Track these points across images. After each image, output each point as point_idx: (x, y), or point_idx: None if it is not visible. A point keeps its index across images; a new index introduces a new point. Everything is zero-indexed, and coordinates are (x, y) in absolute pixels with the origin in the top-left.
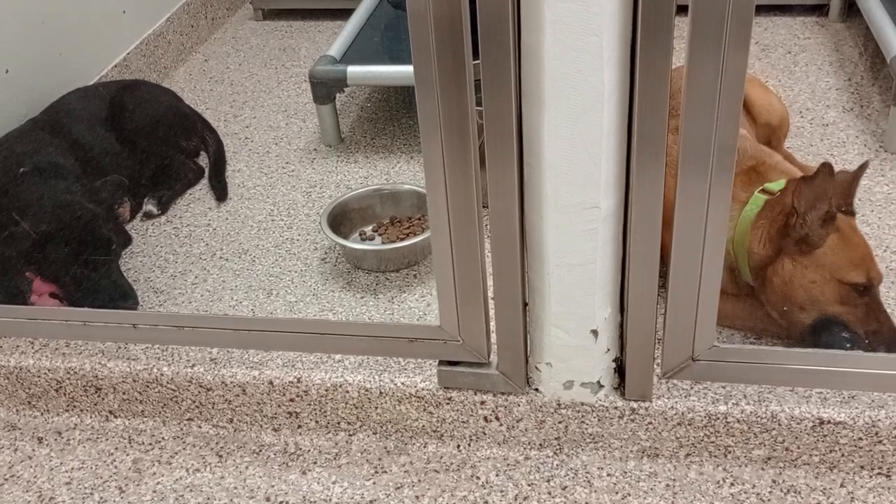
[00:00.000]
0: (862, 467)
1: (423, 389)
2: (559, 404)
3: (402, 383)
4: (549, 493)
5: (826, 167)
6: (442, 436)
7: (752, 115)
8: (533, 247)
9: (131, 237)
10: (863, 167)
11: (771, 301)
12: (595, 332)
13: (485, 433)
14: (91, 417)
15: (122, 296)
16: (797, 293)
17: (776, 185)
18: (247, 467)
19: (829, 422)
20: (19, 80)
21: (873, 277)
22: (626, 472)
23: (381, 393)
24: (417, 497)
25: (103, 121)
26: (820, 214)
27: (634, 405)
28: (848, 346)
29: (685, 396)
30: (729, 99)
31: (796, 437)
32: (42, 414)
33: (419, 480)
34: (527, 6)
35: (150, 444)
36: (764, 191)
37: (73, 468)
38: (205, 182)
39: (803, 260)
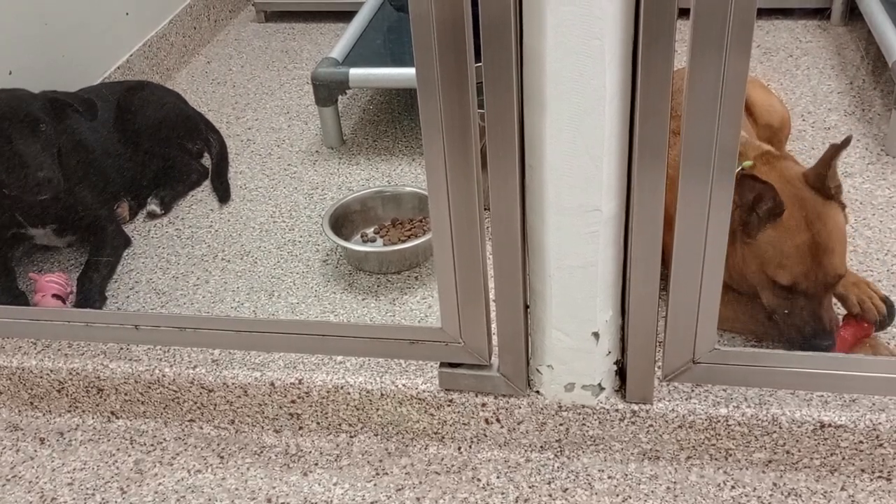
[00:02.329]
0: (863, 470)
1: (424, 391)
2: (560, 406)
3: (404, 385)
4: (550, 496)
5: (760, 181)
6: (443, 438)
7: (753, 117)
8: (534, 249)
9: (131, 239)
10: (845, 142)
11: (733, 271)
12: (596, 335)
13: (486, 435)
14: (93, 418)
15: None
16: (745, 272)
17: (748, 164)
18: (248, 468)
19: (829, 425)
20: (23, 81)
21: (801, 282)
22: (626, 475)
23: (382, 395)
24: (418, 499)
25: (107, 121)
26: (761, 209)
27: (635, 408)
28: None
29: (686, 399)
30: (730, 102)
31: (797, 441)
32: (44, 415)
33: (420, 482)
34: (529, 9)
35: (152, 444)
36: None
37: (74, 469)
38: (207, 183)
39: (745, 247)
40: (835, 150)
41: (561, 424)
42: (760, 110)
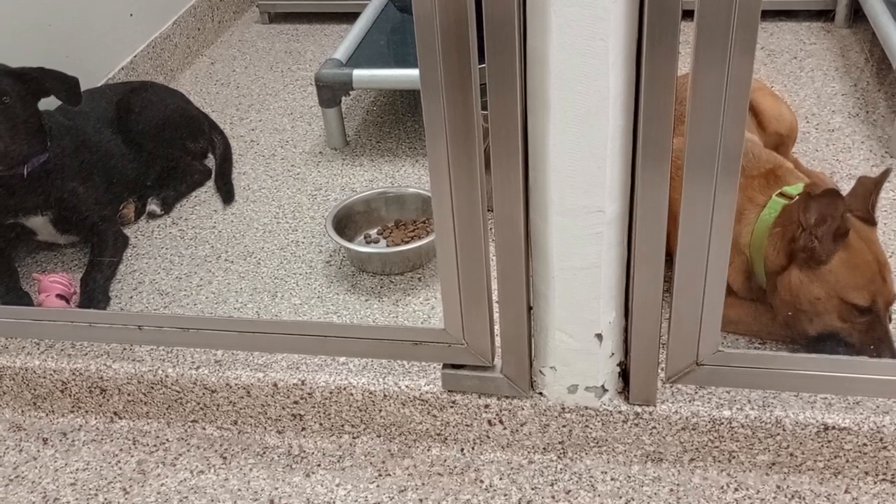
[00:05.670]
0: (866, 473)
1: (427, 392)
2: (563, 408)
3: (407, 386)
4: (553, 498)
5: (831, 192)
6: (446, 439)
7: (761, 125)
8: (538, 250)
9: (128, 238)
10: (884, 174)
11: (778, 308)
12: (600, 336)
13: (489, 437)
14: (96, 418)
15: None
16: (802, 305)
17: (794, 189)
18: (251, 469)
19: (833, 427)
20: None
21: (877, 300)
22: (629, 477)
23: (385, 396)
24: (421, 500)
25: (111, 122)
26: (827, 231)
27: (639, 409)
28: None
29: (689, 401)
30: (734, 104)
31: (801, 443)
32: (47, 415)
33: (423, 483)
34: (533, 10)
35: (155, 445)
36: (782, 194)
37: (77, 469)
38: (211, 184)
39: (811, 274)
40: (875, 184)
41: (564, 426)
42: (769, 119)
